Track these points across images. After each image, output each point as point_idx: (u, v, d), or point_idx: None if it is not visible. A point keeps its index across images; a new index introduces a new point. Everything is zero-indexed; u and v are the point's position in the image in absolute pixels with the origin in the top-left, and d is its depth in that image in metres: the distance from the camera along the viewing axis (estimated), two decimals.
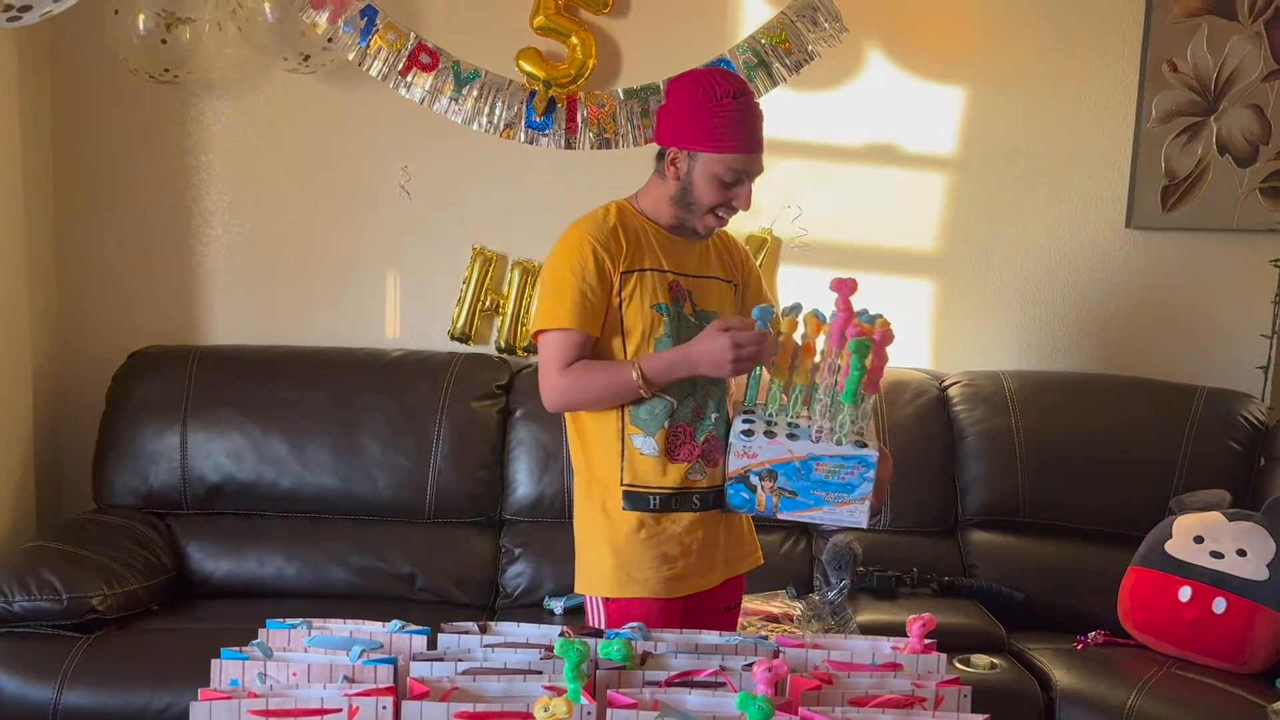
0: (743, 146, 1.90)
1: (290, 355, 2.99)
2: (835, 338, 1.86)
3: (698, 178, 1.92)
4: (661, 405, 1.92)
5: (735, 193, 1.93)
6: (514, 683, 1.44)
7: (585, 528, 2.01)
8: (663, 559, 1.94)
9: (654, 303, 1.93)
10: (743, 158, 1.91)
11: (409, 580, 2.80)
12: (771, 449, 1.85)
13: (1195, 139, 3.12)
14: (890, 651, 1.59)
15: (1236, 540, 2.51)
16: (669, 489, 1.94)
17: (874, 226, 3.17)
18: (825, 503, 1.86)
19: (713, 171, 1.90)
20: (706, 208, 1.94)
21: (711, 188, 1.91)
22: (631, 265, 1.93)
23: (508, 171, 3.09)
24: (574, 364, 1.92)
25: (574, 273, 1.91)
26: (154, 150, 3.05)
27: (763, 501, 1.87)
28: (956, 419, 3.02)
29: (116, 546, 2.64)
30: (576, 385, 1.92)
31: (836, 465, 1.84)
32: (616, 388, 1.90)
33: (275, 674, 1.49)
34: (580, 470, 2.02)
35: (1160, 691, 2.37)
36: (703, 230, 1.98)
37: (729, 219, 1.99)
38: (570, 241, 1.94)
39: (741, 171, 1.91)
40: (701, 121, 1.89)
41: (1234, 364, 3.15)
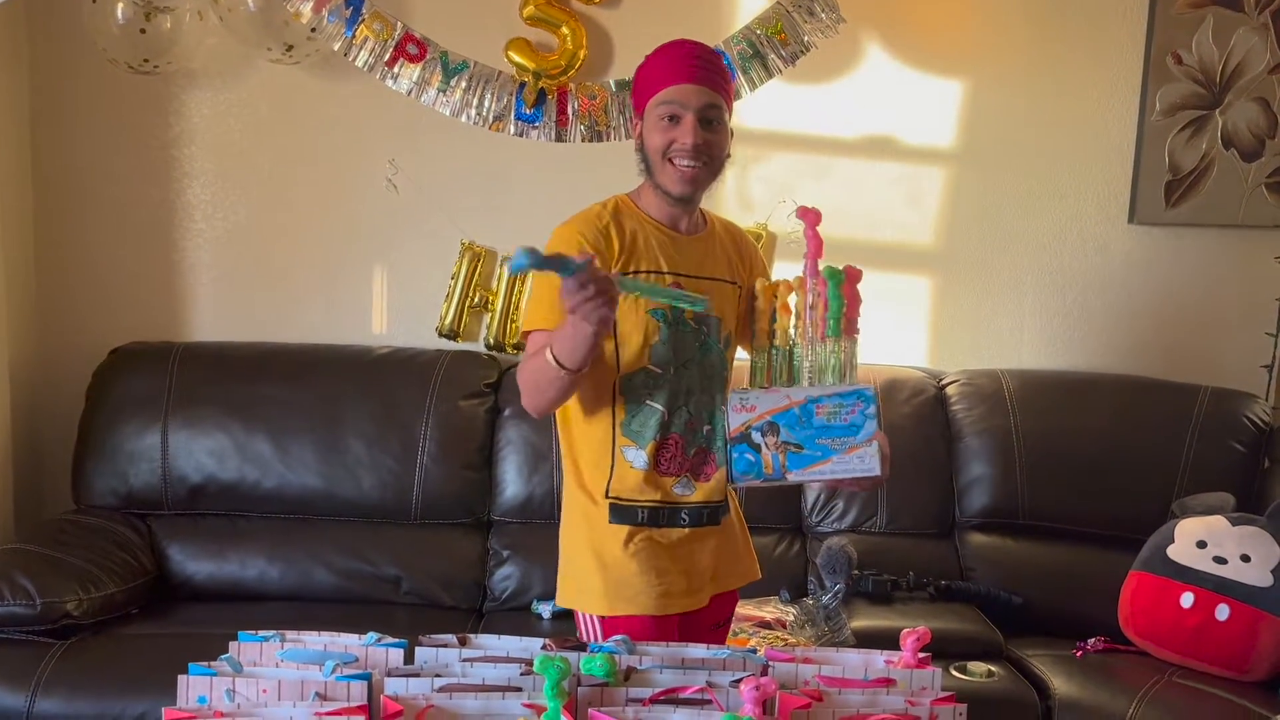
0: (667, 79, 1.82)
1: (274, 352, 2.93)
2: (810, 266, 1.81)
3: (646, 130, 1.85)
4: (654, 416, 1.83)
5: (678, 131, 1.82)
6: (492, 700, 1.38)
7: (573, 541, 1.91)
8: (655, 574, 1.85)
9: (650, 308, 1.82)
10: (669, 90, 1.81)
11: (394, 583, 2.74)
12: (769, 399, 1.77)
13: (1200, 133, 3.06)
14: (883, 666, 1.54)
15: (1240, 545, 2.46)
16: (655, 503, 1.85)
17: (871, 221, 3.11)
18: (833, 451, 1.77)
19: (652, 120, 1.83)
20: (657, 154, 1.83)
21: (653, 133, 1.83)
22: (626, 267, 1.83)
23: (497, 165, 3.02)
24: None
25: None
26: (134, 143, 2.99)
27: (769, 462, 1.77)
28: (954, 419, 2.96)
29: (94, 549, 2.59)
30: (521, 380, 1.83)
31: (836, 405, 1.76)
32: (543, 372, 1.76)
33: (244, 690, 1.43)
34: (569, 480, 1.93)
35: (1161, 700, 2.32)
36: (671, 188, 1.84)
37: (692, 168, 1.82)
38: (559, 241, 1.84)
39: (673, 103, 1.81)
40: (640, 81, 1.87)
41: (1238, 363, 3.10)
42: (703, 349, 1.87)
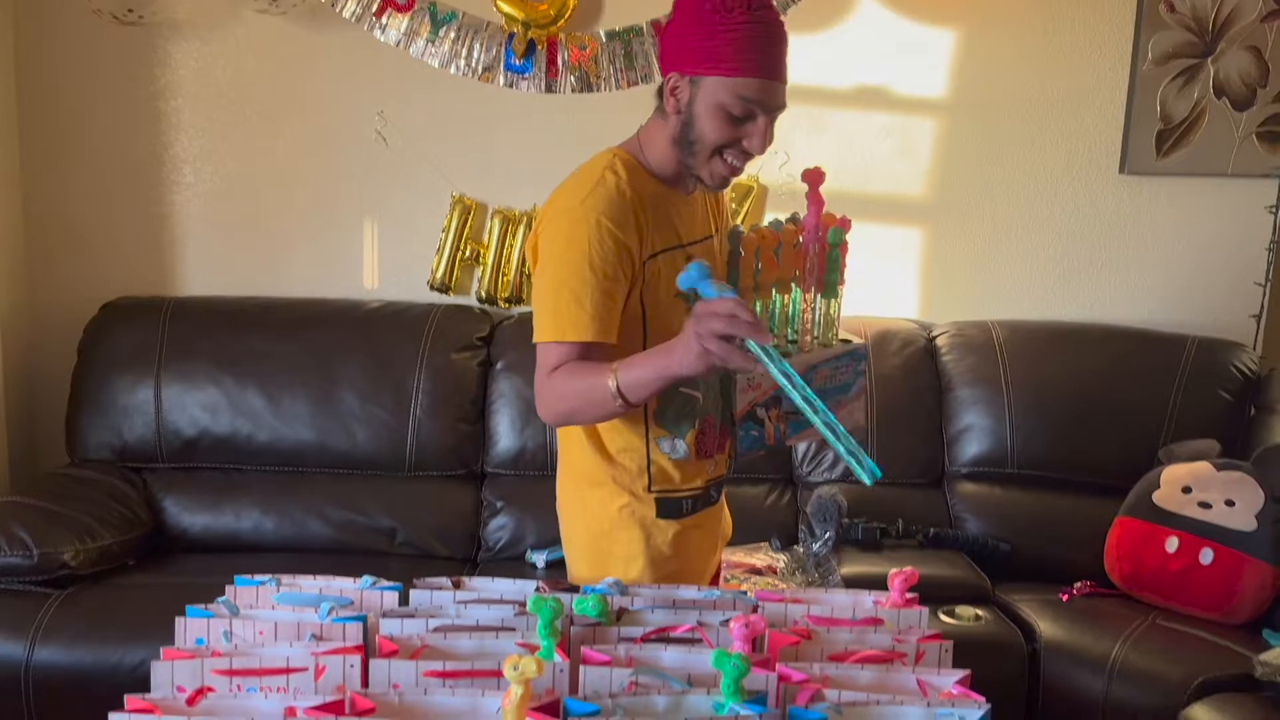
0: (754, 69, 1.54)
1: (265, 306, 2.93)
2: (810, 234, 1.71)
3: (700, 109, 1.57)
4: (691, 404, 1.67)
5: (746, 130, 1.58)
6: (486, 640, 1.40)
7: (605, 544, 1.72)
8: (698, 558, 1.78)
9: (675, 290, 1.56)
10: (754, 83, 1.54)
11: (389, 534, 2.76)
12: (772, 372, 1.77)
13: (1192, 82, 3.05)
14: (871, 606, 1.56)
15: (1225, 490, 2.49)
16: (697, 489, 1.74)
17: (863, 173, 3.11)
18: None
19: (717, 100, 1.55)
20: (710, 148, 1.59)
21: (716, 121, 1.56)
22: (655, 246, 1.62)
23: (487, 116, 3.00)
24: (560, 367, 1.59)
25: (588, 268, 1.56)
26: (121, 95, 2.96)
27: (770, 434, 1.75)
28: (944, 369, 2.98)
29: (91, 501, 2.60)
30: (556, 392, 1.59)
31: (832, 368, 1.76)
32: (591, 397, 1.56)
33: (241, 632, 1.45)
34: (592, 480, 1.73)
35: (1146, 642, 2.36)
36: (709, 180, 1.63)
37: (742, 167, 1.63)
38: (581, 227, 1.57)
39: (753, 102, 1.55)
40: (704, 37, 1.54)
41: (1227, 312, 3.11)
42: None
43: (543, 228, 1.64)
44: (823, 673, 1.32)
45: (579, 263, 1.57)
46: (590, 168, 1.65)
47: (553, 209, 1.63)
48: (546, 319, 1.61)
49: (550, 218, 1.63)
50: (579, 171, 1.67)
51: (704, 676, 1.30)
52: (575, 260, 1.57)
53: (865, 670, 1.33)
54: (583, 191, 1.60)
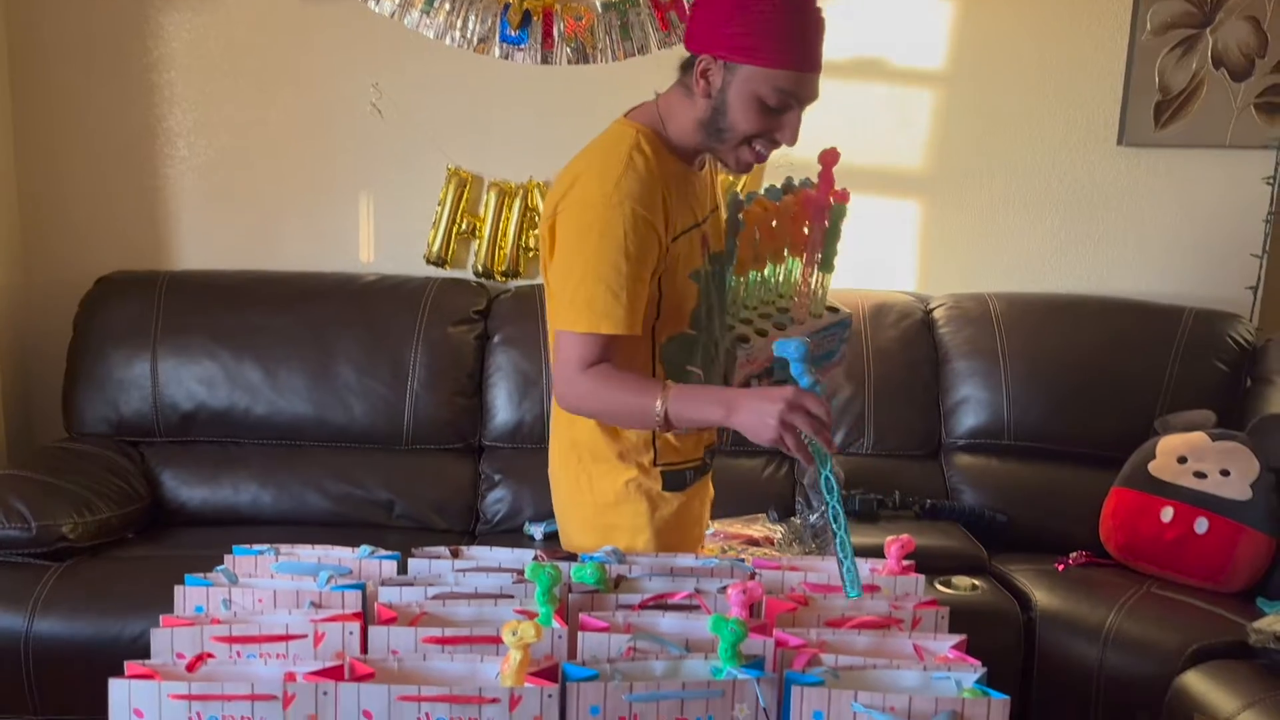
0: (795, 61, 1.52)
1: (261, 280, 2.92)
2: (816, 214, 1.75)
3: (734, 97, 1.54)
4: (693, 379, 1.67)
5: (779, 121, 1.56)
6: (484, 607, 1.41)
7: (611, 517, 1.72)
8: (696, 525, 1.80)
9: (690, 271, 1.61)
10: (794, 76, 1.52)
11: (387, 507, 2.77)
12: (769, 347, 1.75)
13: (1190, 52, 3.03)
14: (868, 573, 1.57)
15: (1220, 460, 2.50)
16: (697, 460, 1.76)
17: (859, 144, 3.09)
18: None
19: (753, 90, 1.53)
20: (741, 137, 1.57)
21: (750, 112, 1.54)
22: (677, 227, 1.60)
23: (482, 88, 2.98)
24: (599, 365, 1.57)
25: (629, 258, 1.53)
26: (114, 68, 2.94)
27: None
28: (941, 342, 2.98)
29: (89, 475, 2.60)
30: (594, 395, 1.59)
31: (821, 338, 1.79)
32: (633, 413, 1.57)
33: (241, 600, 1.46)
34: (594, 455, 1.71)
35: (1140, 610, 2.37)
36: (733, 166, 1.62)
37: (768, 155, 1.61)
38: (616, 212, 1.53)
39: (790, 94, 1.53)
40: (743, 23, 1.50)
41: (1224, 284, 3.11)
42: (720, 293, 1.73)
43: (570, 212, 1.58)
44: (819, 638, 1.33)
45: (613, 253, 1.53)
46: (614, 146, 1.60)
47: (582, 193, 1.57)
48: (580, 309, 1.56)
49: (580, 202, 1.57)
50: (601, 149, 1.61)
51: (701, 642, 1.30)
52: (609, 250, 1.54)
53: (862, 635, 1.34)
54: (614, 175, 1.55)
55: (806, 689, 1.19)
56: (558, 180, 1.64)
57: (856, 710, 1.18)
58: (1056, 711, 2.38)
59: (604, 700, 1.19)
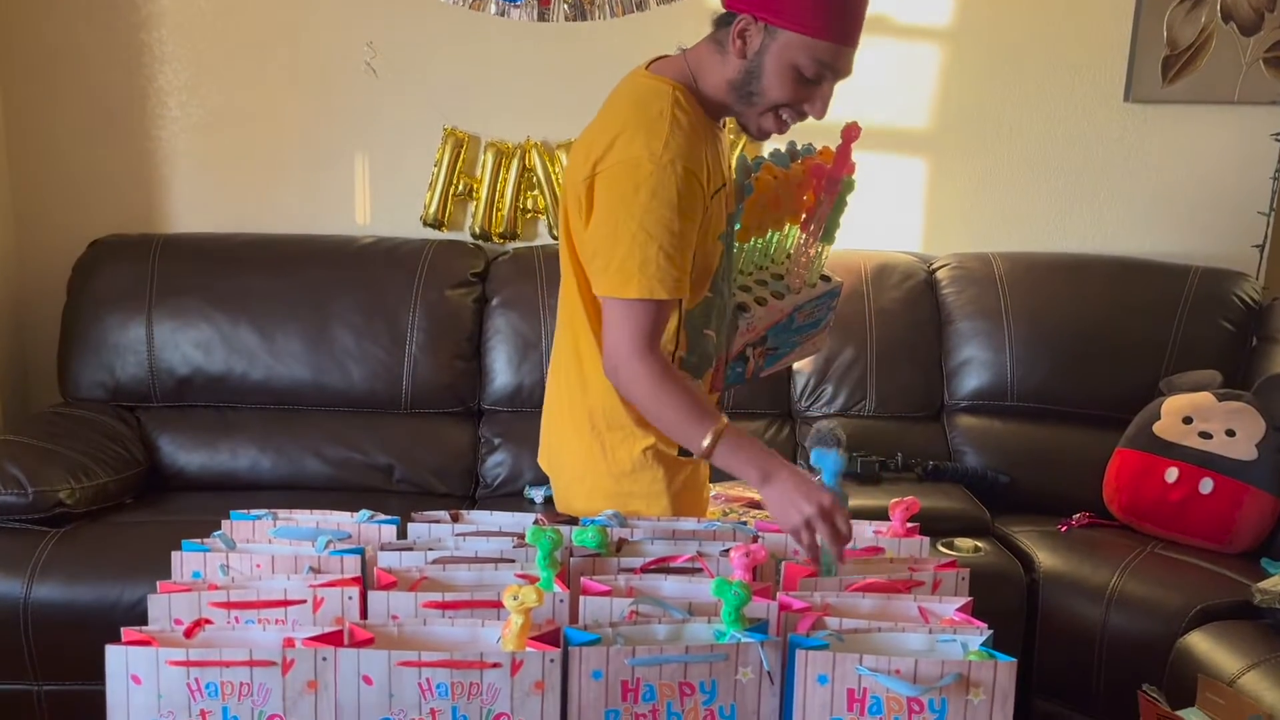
0: (838, 33, 1.48)
1: (256, 243, 2.89)
2: (828, 185, 1.73)
3: (770, 62, 1.50)
4: (709, 345, 1.66)
5: (812, 92, 1.52)
6: (485, 571, 1.39)
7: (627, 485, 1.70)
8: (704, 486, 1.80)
9: (719, 231, 1.58)
10: (834, 49, 1.48)
11: (387, 472, 2.75)
12: (768, 316, 1.76)
13: (1199, 6, 2.98)
14: (872, 535, 1.56)
15: (1226, 420, 2.48)
16: None
17: (862, 103, 3.01)
18: (797, 345, 1.87)
19: (791, 58, 1.49)
20: (770, 104, 1.53)
21: (784, 79, 1.50)
22: (713, 185, 1.56)
23: (478, 47, 2.93)
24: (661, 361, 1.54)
25: (685, 217, 1.50)
26: (102, 26, 2.89)
27: (751, 369, 1.82)
28: (945, 303, 2.95)
29: (85, 440, 2.58)
30: (649, 394, 1.54)
31: (814, 307, 1.80)
32: (678, 432, 1.56)
33: (238, 566, 1.44)
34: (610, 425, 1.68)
35: (1144, 571, 2.36)
36: (755, 132, 1.58)
37: (790, 126, 1.58)
38: (667, 172, 1.49)
39: (828, 66, 1.49)
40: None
41: (1231, 241, 3.08)
42: (729, 254, 1.68)
43: (614, 172, 1.52)
44: (824, 601, 1.31)
45: (667, 215, 1.49)
46: (652, 102, 1.55)
47: (626, 153, 1.51)
48: (631, 274, 1.51)
49: (625, 162, 1.51)
50: (637, 106, 1.56)
51: (705, 605, 1.29)
52: (662, 212, 1.49)
53: (866, 599, 1.33)
54: (661, 134, 1.51)
55: (811, 653, 1.18)
56: (589, 141, 1.58)
57: (861, 674, 1.17)
58: (1060, 672, 2.37)
59: (606, 664, 1.18)
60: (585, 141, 1.60)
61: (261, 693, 1.18)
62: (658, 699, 1.19)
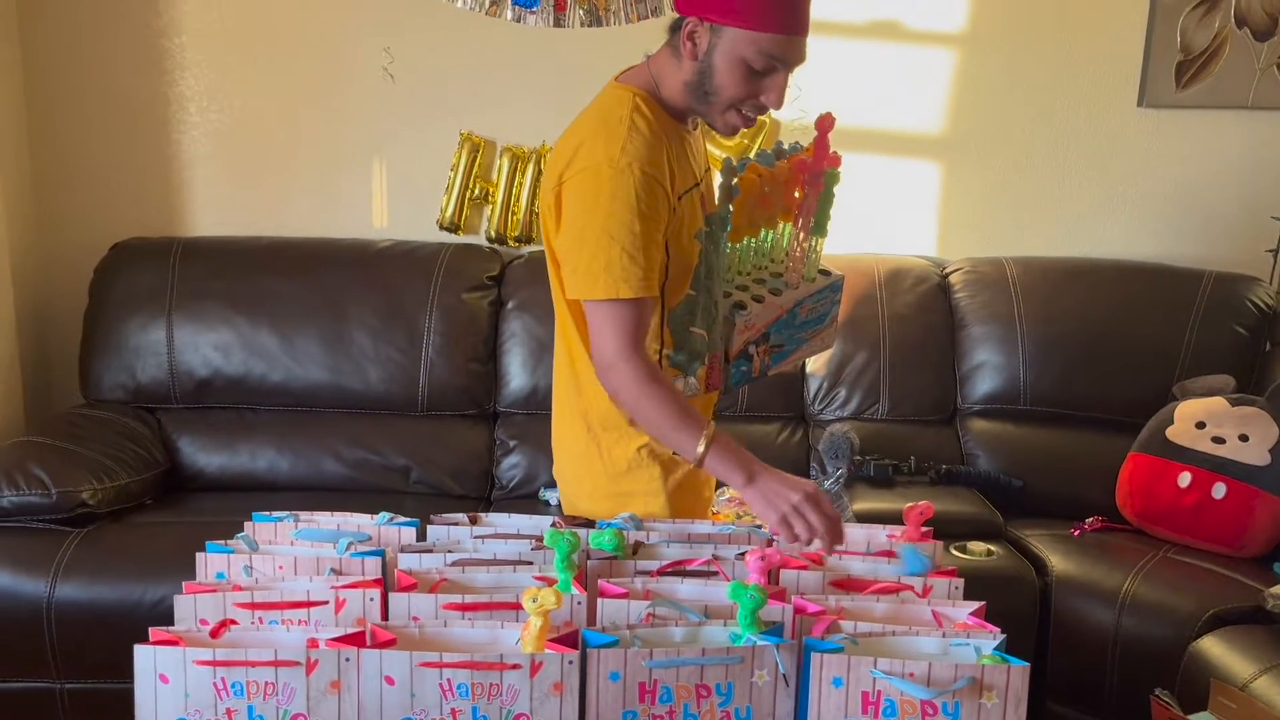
0: (781, 24, 1.52)
1: (275, 246, 2.92)
2: (811, 178, 1.72)
3: (719, 60, 1.55)
4: (699, 342, 1.66)
5: (764, 84, 1.56)
6: (504, 573, 1.41)
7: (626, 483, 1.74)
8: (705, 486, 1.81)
9: (695, 230, 1.62)
10: (779, 40, 1.53)
11: (403, 473, 2.78)
12: (766, 312, 1.76)
13: (1213, 11, 2.98)
14: (885, 540, 1.57)
15: (1239, 425, 2.48)
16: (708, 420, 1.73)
17: (876, 107, 3.06)
18: (804, 341, 1.84)
19: (739, 54, 1.54)
20: (727, 102, 1.58)
21: (736, 75, 1.55)
22: (680, 186, 1.61)
23: (494, 52, 2.96)
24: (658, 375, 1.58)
25: (644, 219, 1.54)
26: (124, 33, 2.93)
27: (757, 367, 1.81)
28: (958, 307, 2.96)
29: (106, 441, 2.62)
30: (637, 400, 1.58)
31: (815, 302, 1.79)
32: (671, 440, 1.59)
33: (261, 567, 1.46)
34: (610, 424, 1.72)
35: (1157, 575, 2.37)
36: (722, 129, 1.63)
37: (755, 119, 1.63)
38: (625, 175, 1.54)
39: (776, 58, 1.54)
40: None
41: (1245, 247, 3.09)
42: (716, 254, 1.68)
43: (577, 180, 1.57)
44: (838, 604, 1.33)
45: (627, 215, 1.54)
46: (613, 110, 1.60)
47: (588, 160, 1.56)
48: (598, 275, 1.56)
49: (587, 170, 1.56)
50: (600, 115, 1.61)
51: (720, 608, 1.31)
52: (622, 213, 1.54)
53: (880, 602, 1.34)
54: (619, 139, 1.56)
55: (826, 655, 1.19)
56: (557, 151, 1.63)
57: (876, 677, 1.18)
58: (1072, 676, 2.38)
59: (624, 666, 1.20)
60: (555, 152, 1.65)
61: (286, 692, 1.20)
62: (675, 700, 1.21)
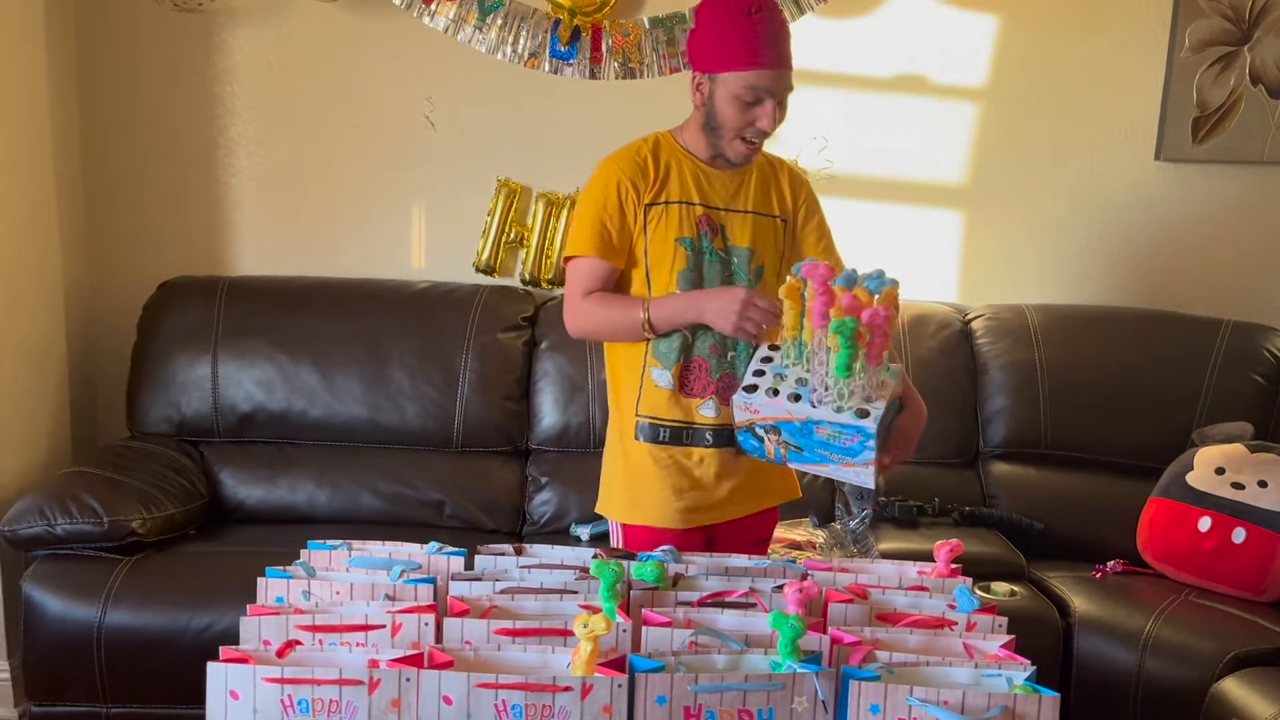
0: (757, 62, 1.86)
1: (318, 286, 3.01)
2: (816, 318, 1.70)
3: (719, 101, 1.89)
4: (678, 339, 1.94)
5: (757, 113, 1.89)
6: (551, 602, 1.47)
7: (608, 453, 2.08)
8: (672, 490, 1.97)
9: (677, 236, 1.93)
10: (759, 74, 1.86)
11: (438, 507, 2.85)
12: (771, 408, 1.78)
13: (1228, 69, 3.07)
14: (916, 576, 1.62)
15: (1258, 471, 2.53)
16: (678, 422, 1.96)
17: (901, 158, 3.15)
18: (831, 461, 1.79)
19: (731, 92, 1.88)
20: (731, 132, 1.91)
21: (732, 109, 1.89)
22: (656, 197, 1.94)
23: (532, 102, 3.07)
24: (594, 293, 1.96)
25: (595, 203, 1.94)
26: (178, 80, 3.05)
27: (771, 451, 1.84)
28: (979, 352, 3.03)
29: (152, 473, 2.69)
30: (591, 315, 1.97)
31: (835, 431, 1.75)
32: (625, 325, 1.94)
33: (319, 592, 1.53)
34: (610, 399, 2.07)
35: (1178, 618, 2.40)
36: (735, 158, 1.95)
37: (760, 143, 1.95)
38: (599, 174, 1.97)
39: (761, 89, 1.87)
40: (717, 42, 1.88)
41: (1261, 297, 3.14)
42: (729, 279, 1.96)
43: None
44: (873, 636, 1.39)
45: (586, 199, 1.97)
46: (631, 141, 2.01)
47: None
48: (567, 244, 2.02)
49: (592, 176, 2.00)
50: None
51: (760, 638, 1.37)
52: (585, 198, 1.98)
53: (914, 634, 1.40)
54: (613, 156, 1.98)
55: (864, 683, 1.25)
56: None
57: (912, 704, 1.24)
58: (1095, 717, 2.40)
59: (670, 690, 1.26)
60: None
61: (349, 710, 1.26)
62: None
